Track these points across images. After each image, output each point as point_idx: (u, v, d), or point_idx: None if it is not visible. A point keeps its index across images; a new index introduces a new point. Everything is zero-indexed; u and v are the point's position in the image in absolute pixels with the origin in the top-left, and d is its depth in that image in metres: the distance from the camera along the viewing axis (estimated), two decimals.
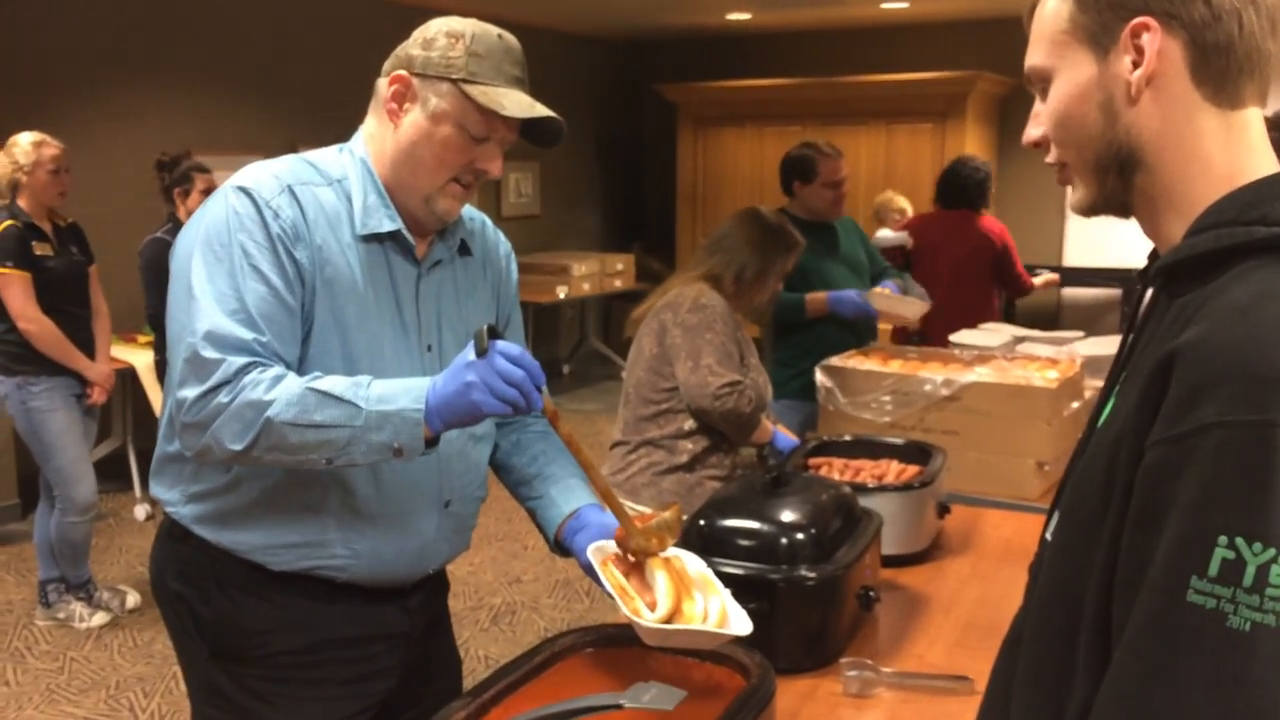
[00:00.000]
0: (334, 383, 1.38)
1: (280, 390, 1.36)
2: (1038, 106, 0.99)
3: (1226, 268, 0.84)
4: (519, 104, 1.47)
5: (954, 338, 3.63)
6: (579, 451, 1.43)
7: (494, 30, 1.51)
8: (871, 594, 1.81)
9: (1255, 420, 0.74)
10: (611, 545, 1.47)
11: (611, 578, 1.39)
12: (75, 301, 3.80)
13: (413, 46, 1.51)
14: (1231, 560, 0.74)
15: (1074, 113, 0.94)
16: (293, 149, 5.47)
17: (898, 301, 3.47)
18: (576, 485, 1.68)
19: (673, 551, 1.50)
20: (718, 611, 1.37)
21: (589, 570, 1.50)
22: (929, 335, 4.29)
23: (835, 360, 2.94)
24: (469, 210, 1.66)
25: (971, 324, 4.23)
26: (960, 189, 4.57)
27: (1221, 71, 0.89)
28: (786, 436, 2.79)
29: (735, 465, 2.66)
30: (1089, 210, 0.99)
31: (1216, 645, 0.74)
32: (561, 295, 7.40)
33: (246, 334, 1.39)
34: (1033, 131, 0.99)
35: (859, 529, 1.87)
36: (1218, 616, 0.74)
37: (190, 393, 1.37)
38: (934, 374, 2.78)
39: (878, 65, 7.87)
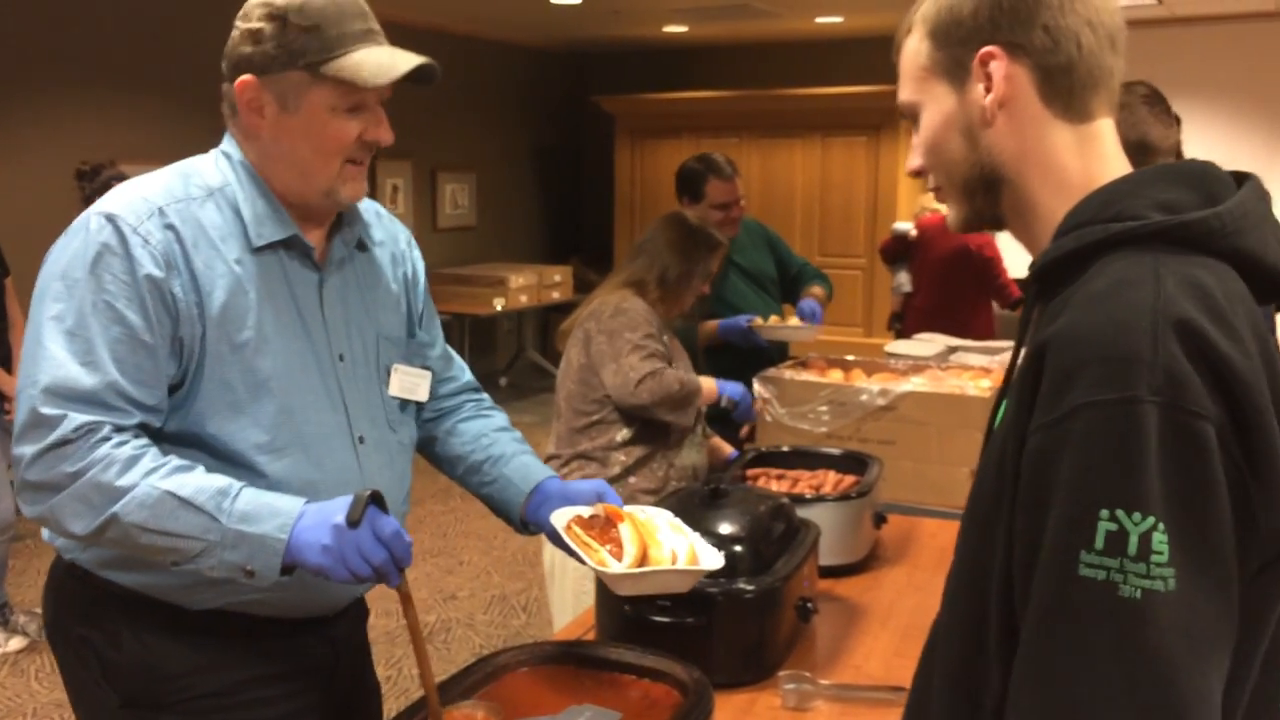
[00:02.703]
0: (197, 487, 1.27)
1: (135, 476, 1.25)
2: (916, 138, 1.05)
3: (1089, 264, 0.90)
4: (379, 65, 1.34)
5: (888, 348, 3.65)
6: (418, 634, 1.33)
7: None
8: (809, 605, 1.79)
9: (1120, 398, 0.79)
10: (574, 509, 1.44)
11: (575, 537, 1.36)
12: None
13: (242, 45, 1.38)
14: (1115, 532, 0.78)
15: (940, 141, 1.01)
16: None
17: (784, 330, 3.35)
18: (530, 461, 1.63)
19: (634, 508, 1.50)
20: (686, 552, 1.36)
21: (555, 538, 1.46)
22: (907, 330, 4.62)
23: (772, 371, 2.94)
24: (362, 202, 1.56)
25: (954, 324, 4.46)
26: None
27: (1068, 90, 0.97)
28: (733, 384, 2.74)
29: (669, 477, 2.62)
30: (964, 226, 1.06)
31: (1112, 615, 0.78)
32: (498, 307, 7.33)
33: (94, 381, 1.27)
34: (914, 161, 1.06)
35: (797, 540, 1.85)
36: (1110, 587, 0.78)
37: (28, 449, 1.27)
38: (870, 384, 2.79)
39: (813, 78, 7.94)
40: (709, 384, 2.69)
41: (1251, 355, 0.81)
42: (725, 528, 1.75)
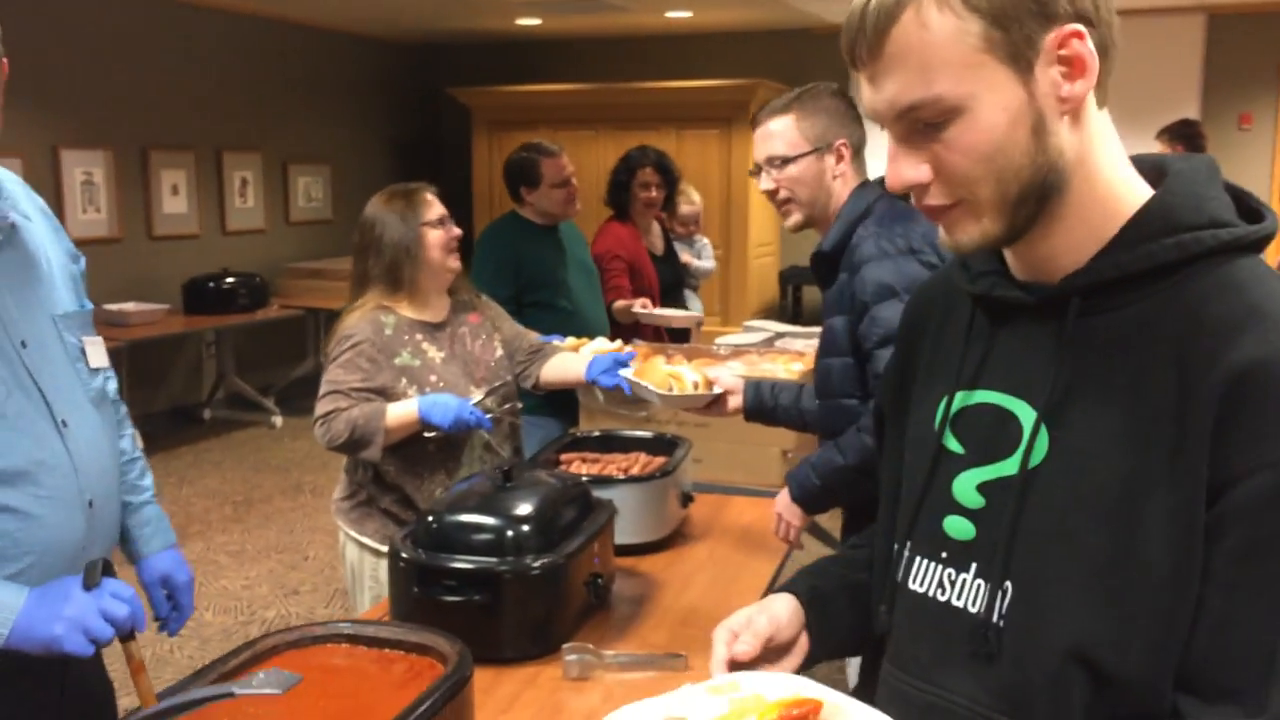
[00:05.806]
0: None
1: None
2: (896, 144, 0.87)
3: (1176, 274, 0.84)
4: None
5: (719, 338, 3.77)
6: (148, 695, 1.28)
7: None
8: (600, 581, 1.86)
9: None
10: None
11: None
12: None
13: None
14: None
15: (1006, 142, 0.83)
16: (54, 152, 5.22)
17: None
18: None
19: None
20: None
21: None
22: None
23: None
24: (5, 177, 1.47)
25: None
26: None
27: (1107, 71, 0.85)
28: (440, 408, 2.25)
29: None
30: (984, 245, 0.88)
31: None
32: None
33: None
34: (915, 173, 0.86)
35: (590, 519, 1.92)
36: None
37: None
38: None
39: (667, 72, 8.06)
40: (404, 414, 2.25)
41: None
42: (518, 509, 1.80)
